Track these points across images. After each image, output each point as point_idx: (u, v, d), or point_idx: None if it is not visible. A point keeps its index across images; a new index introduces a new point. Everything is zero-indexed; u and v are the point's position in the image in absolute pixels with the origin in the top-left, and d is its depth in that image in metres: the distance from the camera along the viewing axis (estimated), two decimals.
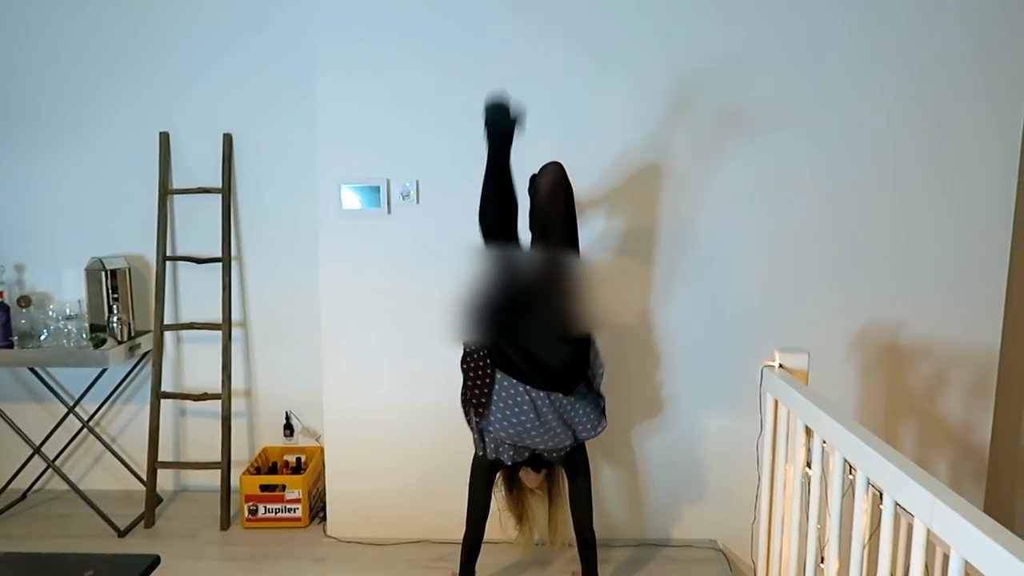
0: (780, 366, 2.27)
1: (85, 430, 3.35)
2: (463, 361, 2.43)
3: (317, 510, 3.28)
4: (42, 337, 3.13)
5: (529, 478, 2.55)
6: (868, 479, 1.66)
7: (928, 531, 1.39)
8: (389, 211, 2.93)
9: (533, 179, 2.36)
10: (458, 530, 2.57)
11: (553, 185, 2.25)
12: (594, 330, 2.40)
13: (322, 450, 3.31)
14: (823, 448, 1.93)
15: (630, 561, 2.92)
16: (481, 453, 2.49)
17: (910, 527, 1.67)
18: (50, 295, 3.44)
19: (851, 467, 1.74)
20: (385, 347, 3.01)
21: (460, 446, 2.61)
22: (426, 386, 3.00)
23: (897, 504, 1.52)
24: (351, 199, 2.92)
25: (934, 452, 2.97)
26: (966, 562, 1.27)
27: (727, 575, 2.84)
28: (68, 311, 3.21)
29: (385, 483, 3.07)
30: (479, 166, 2.76)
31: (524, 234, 2.66)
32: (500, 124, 2.24)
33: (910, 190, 2.83)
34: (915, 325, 2.89)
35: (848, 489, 1.77)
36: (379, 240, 2.96)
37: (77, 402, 3.34)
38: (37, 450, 3.20)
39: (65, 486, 3.24)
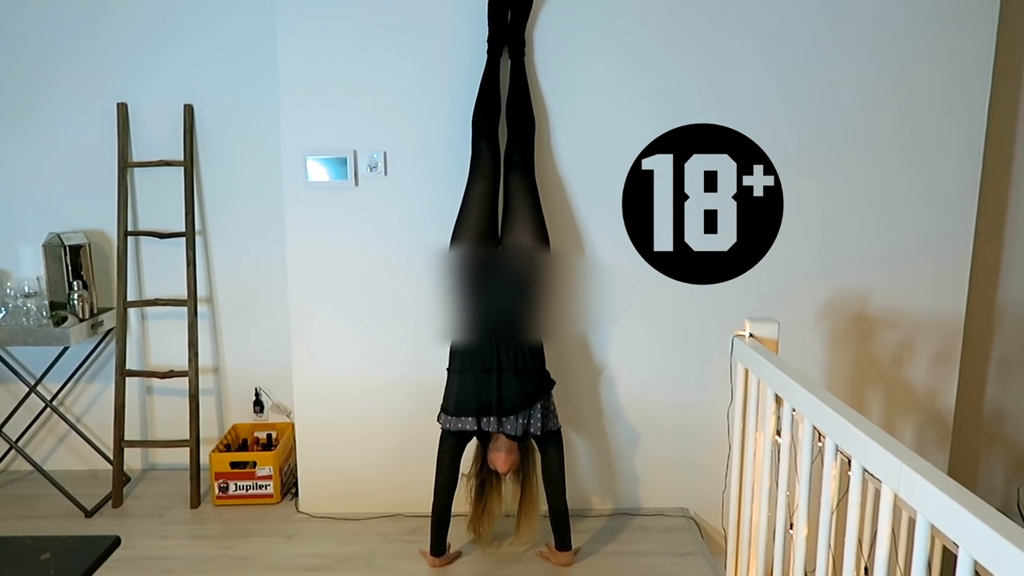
0: (750, 335, 2.28)
1: (48, 410, 3.28)
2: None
3: (289, 486, 3.25)
4: (0, 315, 3.04)
5: (499, 460, 2.54)
6: (837, 446, 1.68)
7: (895, 496, 1.40)
8: (356, 183, 2.87)
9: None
10: (431, 504, 2.58)
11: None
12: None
13: (293, 426, 3.28)
14: (792, 416, 1.94)
15: (603, 530, 2.94)
16: (446, 426, 2.55)
17: (877, 492, 1.69)
18: (7, 272, 3.33)
19: (820, 435, 1.76)
20: (354, 321, 2.97)
21: (431, 420, 2.59)
22: (396, 360, 2.98)
23: (865, 470, 1.53)
24: (317, 171, 2.85)
25: (900, 418, 3.02)
26: (932, 526, 1.29)
27: (698, 542, 2.87)
28: (27, 288, 3.12)
29: (357, 458, 3.05)
30: (448, 136, 2.74)
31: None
32: None
33: (879, 161, 2.84)
34: (883, 294, 2.92)
35: (817, 456, 1.79)
36: (347, 213, 2.90)
37: (39, 381, 3.26)
38: None
39: (29, 467, 3.18)
